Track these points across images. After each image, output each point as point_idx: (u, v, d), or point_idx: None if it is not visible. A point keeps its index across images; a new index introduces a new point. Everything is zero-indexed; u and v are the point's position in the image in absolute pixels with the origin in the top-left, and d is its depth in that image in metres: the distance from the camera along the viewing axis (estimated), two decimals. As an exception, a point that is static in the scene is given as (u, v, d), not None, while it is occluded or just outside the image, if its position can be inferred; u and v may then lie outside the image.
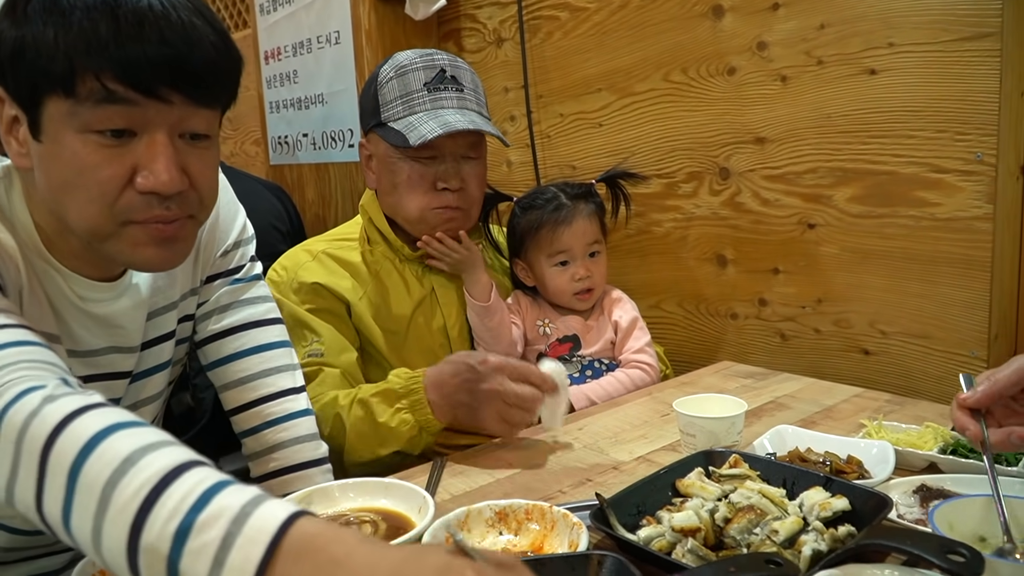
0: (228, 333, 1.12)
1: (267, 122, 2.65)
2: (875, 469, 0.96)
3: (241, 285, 1.13)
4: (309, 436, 1.12)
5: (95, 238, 0.84)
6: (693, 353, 1.76)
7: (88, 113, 0.77)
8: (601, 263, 1.51)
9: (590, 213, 1.50)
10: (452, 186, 1.40)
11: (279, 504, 0.53)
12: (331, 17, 2.24)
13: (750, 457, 0.94)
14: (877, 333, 1.46)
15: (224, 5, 3.34)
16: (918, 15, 1.32)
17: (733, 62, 1.59)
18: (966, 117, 1.30)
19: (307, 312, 1.37)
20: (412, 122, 1.36)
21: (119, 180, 0.80)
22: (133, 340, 0.99)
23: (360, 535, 0.54)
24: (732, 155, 1.62)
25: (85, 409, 0.61)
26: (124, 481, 0.55)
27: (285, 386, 1.12)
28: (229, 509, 0.52)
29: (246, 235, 1.15)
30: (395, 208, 1.43)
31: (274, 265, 1.45)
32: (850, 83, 1.42)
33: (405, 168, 1.39)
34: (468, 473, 1.08)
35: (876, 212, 1.42)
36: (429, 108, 1.37)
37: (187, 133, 0.83)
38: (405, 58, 1.40)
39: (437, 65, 1.39)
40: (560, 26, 1.92)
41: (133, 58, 0.76)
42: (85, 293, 0.92)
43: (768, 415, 1.25)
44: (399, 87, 1.39)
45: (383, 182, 1.44)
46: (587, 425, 1.25)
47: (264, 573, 0.50)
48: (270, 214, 2.20)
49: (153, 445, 0.58)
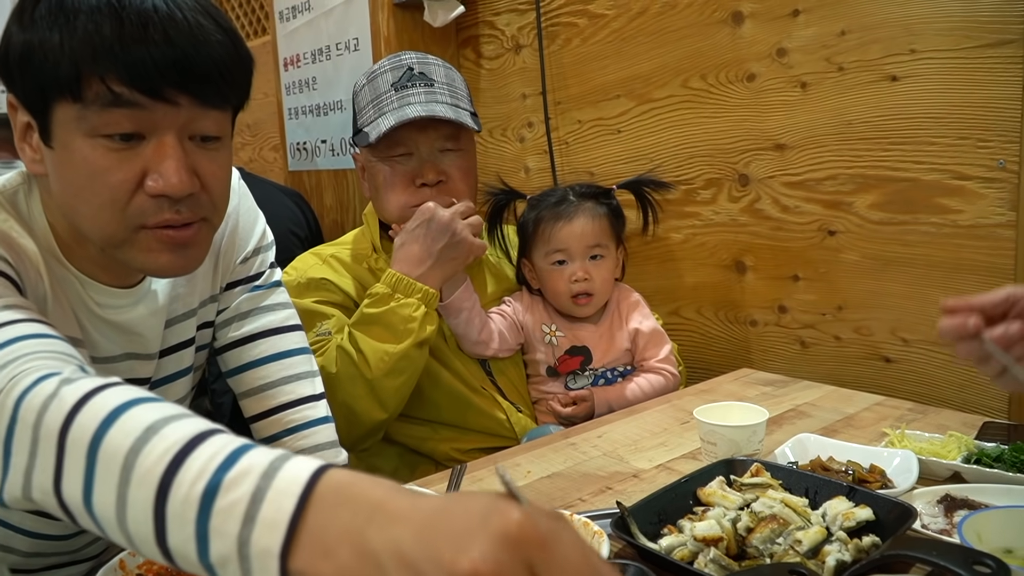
0: (247, 340, 1.12)
1: (286, 128, 2.67)
2: (898, 479, 0.95)
3: (261, 292, 1.13)
4: (329, 444, 1.12)
5: (109, 244, 0.84)
6: (712, 360, 1.76)
7: (96, 117, 0.77)
8: (605, 268, 1.47)
9: (597, 215, 1.47)
10: (430, 181, 1.38)
11: (308, 459, 0.52)
12: (350, 24, 2.26)
13: (772, 466, 0.94)
14: (898, 341, 1.45)
15: (244, 12, 3.37)
16: (940, 21, 1.32)
17: (753, 69, 1.59)
18: (988, 124, 1.29)
19: (315, 303, 1.39)
20: (378, 122, 1.37)
21: (129, 184, 0.80)
22: (151, 347, 1.00)
23: (395, 484, 0.51)
24: (751, 162, 1.62)
25: (104, 388, 0.60)
26: (148, 448, 0.54)
27: (305, 393, 1.12)
28: (257, 466, 0.51)
29: (265, 241, 1.15)
30: (382, 211, 1.46)
31: (286, 269, 1.47)
32: (871, 90, 1.41)
33: (382, 169, 1.41)
34: (487, 481, 1.08)
35: (897, 219, 1.41)
36: (396, 107, 1.37)
37: (197, 135, 0.83)
38: (377, 64, 1.44)
39: (404, 64, 1.41)
40: (578, 33, 1.92)
41: (138, 60, 0.75)
42: (103, 300, 0.93)
43: (789, 423, 1.24)
44: (370, 92, 1.41)
45: (369, 189, 1.47)
46: (606, 433, 1.25)
47: (298, 524, 0.48)
48: (289, 220, 2.21)
49: (176, 416, 0.57)
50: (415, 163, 1.39)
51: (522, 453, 1.18)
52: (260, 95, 3.32)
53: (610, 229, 1.48)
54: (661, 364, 1.47)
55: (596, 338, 1.48)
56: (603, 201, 1.49)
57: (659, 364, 1.47)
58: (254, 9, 3.29)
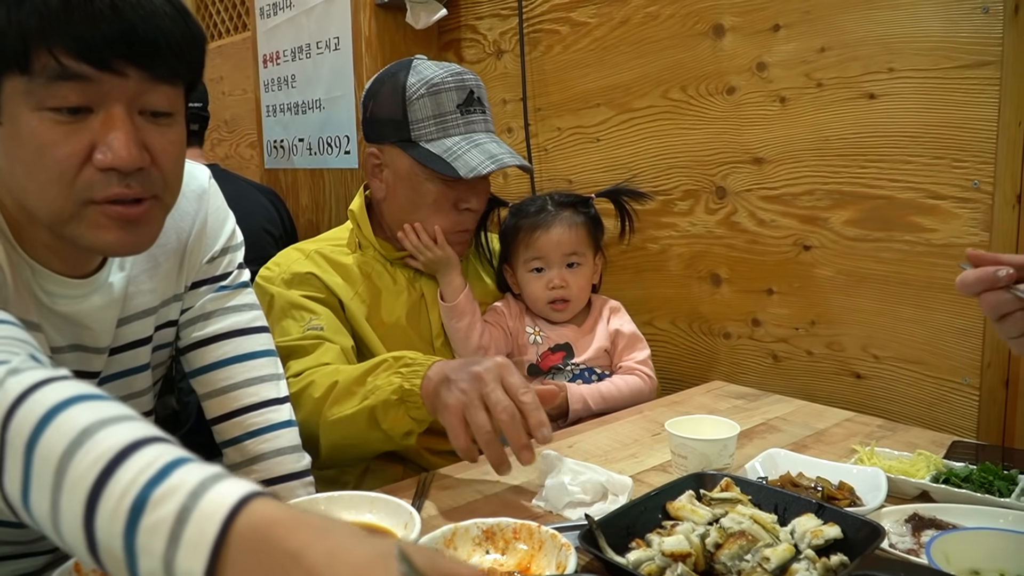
0: (212, 341, 1.09)
1: (263, 126, 2.64)
2: (867, 496, 0.95)
3: (227, 292, 1.11)
4: (291, 448, 1.09)
5: (57, 221, 0.82)
6: (685, 371, 1.75)
7: (43, 90, 0.76)
8: (581, 275, 1.48)
9: (575, 223, 1.48)
10: (474, 207, 1.42)
11: (240, 482, 0.50)
12: (331, 23, 2.24)
13: (742, 481, 0.93)
14: (870, 357, 1.45)
15: (224, 7, 3.34)
16: (919, 41, 1.33)
17: (732, 82, 1.59)
18: (964, 144, 1.30)
19: (302, 297, 1.36)
20: (450, 147, 1.35)
21: (76, 158, 0.78)
22: (100, 341, 0.97)
23: (327, 521, 0.49)
24: (729, 174, 1.62)
25: (47, 381, 0.59)
26: (80, 453, 0.52)
27: (269, 396, 1.10)
28: (186, 484, 0.49)
29: (234, 242, 1.13)
30: (413, 221, 1.42)
31: (267, 263, 1.44)
32: (849, 107, 1.42)
33: (432, 189, 1.38)
34: (456, 488, 1.07)
35: (872, 236, 1.42)
36: (463, 132, 1.37)
37: (147, 110, 0.82)
38: (434, 74, 1.37)
39: (467, 86, 1.39)
40: (560, 40, 1.92)
41: (85, 31, 0.75)
42: (51, 288, 0.90)
43: (759, 437, 1.24)
44: (432, 106, 1.36)
45: (400, 197, 1.42)
46: (577, 443, 1.24)
47: (221, 550, 0.47)
48: (263, 218, 2.19)
49: (114, 418, 0.55)
50: (461, 187, 1.39)
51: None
52: (238, 91, 3.29)
53: (587, 237, 1.49)
54: (639, 365, 1.48)
55: (578, 335, 1.50)
56: (581, 210, 1.50)
57: (637, 365, 1.48)
58: (235, 4, 3.26)
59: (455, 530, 0.85)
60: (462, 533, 0.86)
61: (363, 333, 1.38)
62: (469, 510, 1.00)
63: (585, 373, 1.47)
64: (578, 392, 1.41)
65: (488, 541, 0.86)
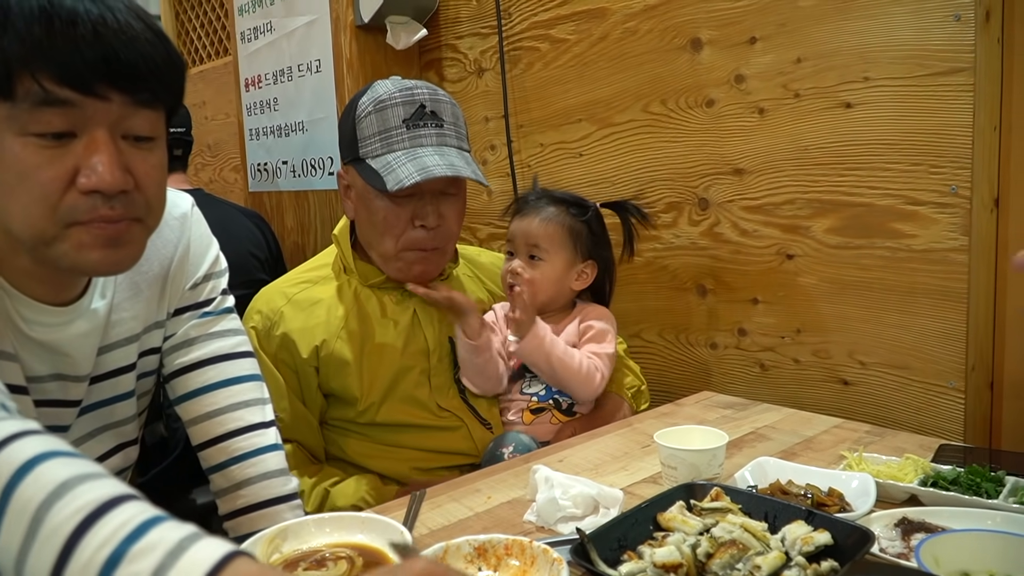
0: (196, 367, 1.09)
1: (247, 149, 2.65)
2: (856, 502, 0.96)
3: (211, 318, 1.11)
4: (278, 472, 1.09)
5: (40, 243, 0.82)
6: (673, 383, 1.76)
7: (27, 116, 0.77)
8: (539, 270, 1.43)
9: (551, 218, 1.45)
10: (429, 224, 1.37)
11: (218, 542, 0.52)
12: (312, 45, 2.25)
13: (731, 490, 0.94)
14: (856, 364, 1.46)
15: (205, 33, 3.35)
16: (893, 50, 1.35)
17: (711, 94, 1.61)
18: (941, 151, 1.32)
19: (275, 370, 1.35)
20: (389, 162, 1.33)
21: (60, 182, 0.79)
22: (80, 369, 0.97)
23: None
24: (711, 186, 1.63)
25: (22, 434, 0.60)
26: (60, 504, 0.54)
27: (254, 420, 1.09)
28: (165, 541, 0.51)
29: (217, 268, 1.13)
30: (371, 244, 1.41)
31: (251, 310, 1.42)
32: (826, 116, 1.44)
33: (382, 207, 1.36)
34: (447, 507, 1.07)
35: (854, 243, 1.43)
36: (408, 146, 1.33)
37: (130, 135, 0.83)
38: (384, 91, 1.36)
39: (417, 100, 1.35)
40: (541, 57, 1.93)
41: (68, 56, 0.76)
42: (31, 316, 0.90)
43: (749, 446, 1.24)
44: (378, 123, 1.35)
45: (361, 217, 1.41)
46: (567, 457, 1.24)
47: None
48: (248, 241, 2.18)
49: (93, 475, 0.56)
50: (416, 204, 1.36)
51: (483, 478, 1.16)
52: (221, 115, 3.29)
53: (563, 236, 1.45)
54: (596, 358, 1.42)
55: (553, 329, 1.44)
56: (572, 211, 1.47)
57: (595, 353, 1.43)
58: (216, 30, 3.27)
59: (447, 548, 0.85)
60: (454, 551, 0.85)
61: (353, 366, 1.36)
62: (461, 527, 1.00)
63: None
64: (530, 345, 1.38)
65: (480, 558, 0.86)
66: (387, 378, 1.38)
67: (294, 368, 1.37)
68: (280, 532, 0.89)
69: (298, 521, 0.92)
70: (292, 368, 1.37)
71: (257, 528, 1.02)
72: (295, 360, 1.36)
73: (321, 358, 1.36)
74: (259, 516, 1.06)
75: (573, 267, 1.47)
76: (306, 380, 1.37)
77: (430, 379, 1.41)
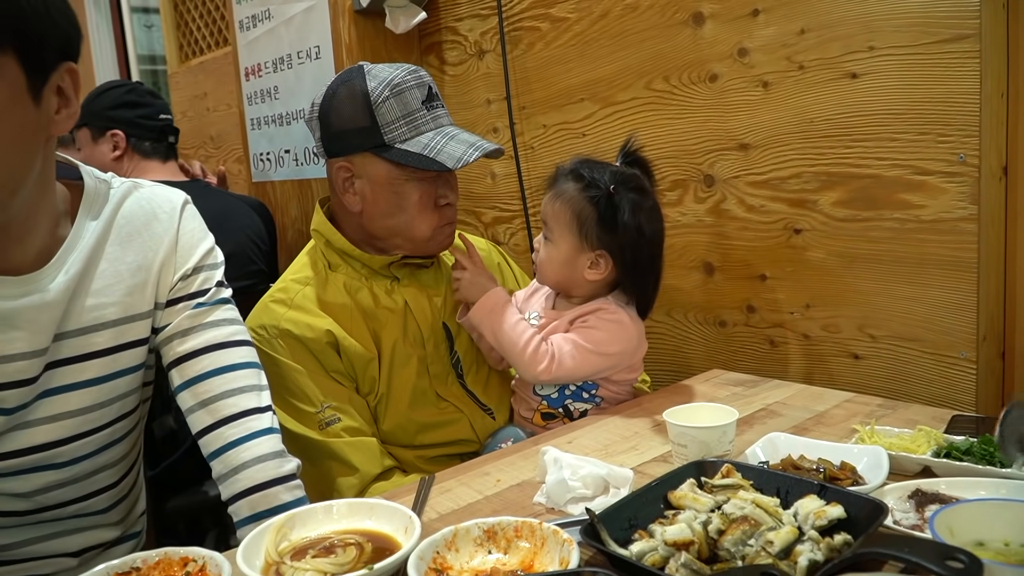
0: (191, 356, 1.09)
1: (248, 139, 2.64)
2: (869, 475, 0.95)
3: (204, 309, 1.11)
4: (272, 454, 1.08)
5: None
6: (683, 362, 1.75)
7: None
8: (546, 252, 1.38)
9: (561, 197, 1.35)
10: (452, 200, 1.42)
11: None
12: (311, 32, 2.23)
13: (742, 466, 0.93)
14: (866, 337, 1.45)
15: (205, 23, 3.33)
16: (897, 18, 1.32)
17: (715, 69, 1.59)
18: (948, 119, 1.30)
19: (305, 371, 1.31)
20: (427, 143, 1.33)
21: None
22: (33, 344, 0.97)
23: None
24: (716, 162, 1.62)
25: None
26: None
27: (249, 406, 1.09)
28: None
29: (210, 261, 1.13)
30: (397, 230, 1.39)
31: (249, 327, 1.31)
32: (832, 87, 1.42)
33: (415, 190, 1.36)
34: (455, 491, 1.06)
35: (861, 216, 1.42)
36: (433, 127, 1.36)
37: None
38: (392, 75, 1.34)
39: (425, 83, 1.37)
40: (541, 37, 1.92)
41: None
42: None
43: (760, 423, 1.24)
44: (399, 107, 1.33)
45: (382, 205, 1.37)
46: (576, 438, 1.23)
47: None
48: (249, 230, 2.19)
49: None
50: (439, 183, 1.40)
51: (492, 461, 1.16)
52: (223, 106, 3.28)
53: (568, 218, 1.34)
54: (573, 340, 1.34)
55: (552, 318, 1.40)
56: (586, 192, 1.34)
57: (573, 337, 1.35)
58: (215, 20, 3.26)
59: (456, 532, 0.84)
60: (463, 534, 0.85)
61: (364, 360, 1.34)
62: (470, 511, 0.99)
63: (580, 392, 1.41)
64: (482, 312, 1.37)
65: (490, 541, 0.85)
66: (390, 370, 1.37)
67: (323, 368, 1.33)
68: (288, 520, 0.89)
69: (306, 508, 0.92)
70: (322, 368, 1.33)
71: (258, 511, 1.03)
72: (320, 359, 1.33)
73: (339, 352, 1.34)
74: (258, 498, 1.06)
75: (582, 254, 1.35)
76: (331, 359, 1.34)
77: (428, 368, 1.41)
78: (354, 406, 1.33)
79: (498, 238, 2.15)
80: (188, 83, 3.51)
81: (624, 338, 1.36)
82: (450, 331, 1.45)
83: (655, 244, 1.37)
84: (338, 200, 1.42)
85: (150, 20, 4.81)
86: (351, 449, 1.28)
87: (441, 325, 1.44)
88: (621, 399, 1.42)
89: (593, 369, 1.37)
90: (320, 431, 1.28)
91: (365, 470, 1.27)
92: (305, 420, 1.29)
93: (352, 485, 1.26)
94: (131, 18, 4.55)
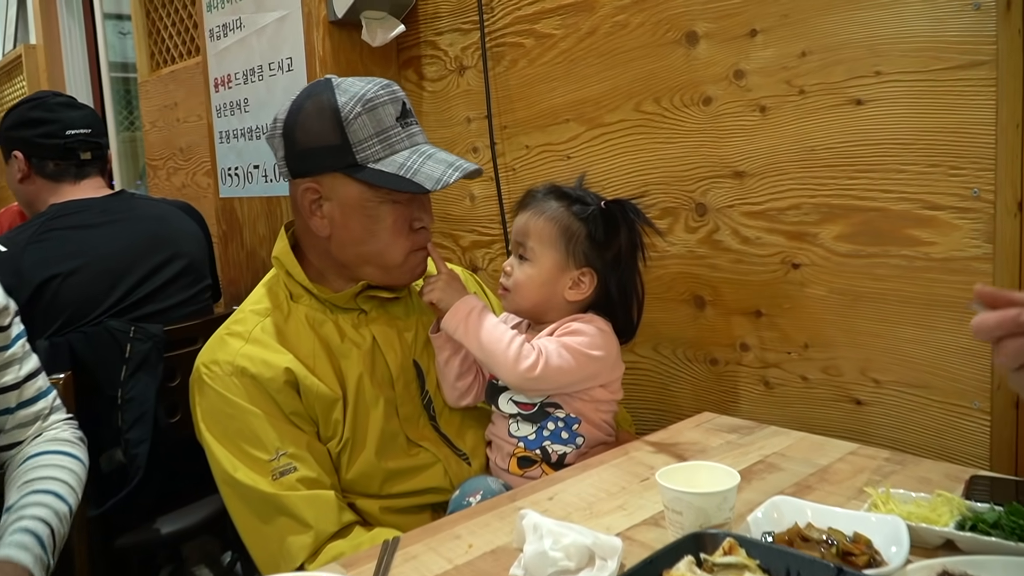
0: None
1: (216, 153, 2.51)
2: (887, 550, 0.84)
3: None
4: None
5: None
6: (671, 402, 1.64)
7: None
8: (523, 271, 1.29)
9: (544, 214, 1.28)
10: (426, 223, 1.31)
11: None
12: (284, 43, 2.12)
13: (747, 541, 0.82)
14: (870, 382, 1.35)
15: (176, 32, 3.22)
16: (906, 42, 1.24)
17: (709, 91, 1.49)
18: (961, 150, 1.21)
19: (261, 413, 1.19)
20: (402, 163, 1.22)
21: None
22: None
23: None
24: (709, 190, 1.52)
25: None
26: None
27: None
28: None
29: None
30: (369, 257, 1.27)
31: (202, 362, 1.24)
32: (834, 114, 1.33)
33: (390, 213, 1.25)
34: (422, 557, 0.94)
35: (866, 251, 1.32)
36: (408, 145, 1.25)
37: None
38: (363, 89, 1.24)
39: (399, 98, 1.26)
40: (525, 54, 1.82)
41: None
42: None
43: (758, 478, 1.13)
44: (372, 124, 1.22)
45: (353, 229, 1.26)
46: (557, 495, 1.12)
47: None
48: (191, 237, 2.09)
49: None
50: (414, 206, 1.29)
51: (463, 522, 1.04)
52: (193, 117, 3.16)
53: (554, 235, 1.28)
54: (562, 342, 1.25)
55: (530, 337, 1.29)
56: (573, 209, 1.29)
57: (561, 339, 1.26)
58: (188, 28, 3.15)
59: (419, 619, 0.73)
60: (428, 622, 0.73)
61: (327, 402, 1.23)
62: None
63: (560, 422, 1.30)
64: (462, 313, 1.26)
65: (458, 629, 0.74)
66: (355, 413, 1.25)
67: (280, 410, 1.21)
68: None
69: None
70: (279, 411, 1.21)
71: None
72: (277, 400, 1.20)
73: (300, 392, 1.22)
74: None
75: (565, 272, 1.28)
76: (294, 410, 1.22)
77: (398, 410, 1.29)
78: (313, 454, 1.20)
79: (476, 263, 2.04)
80: (158, 92, 3.39)
81: (606, 344, 1.28)
82: (421, 369, 1.33)
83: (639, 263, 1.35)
84: (303, 224, 1.30)
85: (124, 27, 4.67)
86: (305, 504, 1.15)
87: (412, 363, 1.32)
88: (601, 439, 1.31)
89: (580, 371, 1.25)
90: (273, 482, 1.16)
91: (320, 527, 1.14)
92: (258, 468, 1.17)
93: (304, 545, 1.13)
94: (103, 24, 4.41)
